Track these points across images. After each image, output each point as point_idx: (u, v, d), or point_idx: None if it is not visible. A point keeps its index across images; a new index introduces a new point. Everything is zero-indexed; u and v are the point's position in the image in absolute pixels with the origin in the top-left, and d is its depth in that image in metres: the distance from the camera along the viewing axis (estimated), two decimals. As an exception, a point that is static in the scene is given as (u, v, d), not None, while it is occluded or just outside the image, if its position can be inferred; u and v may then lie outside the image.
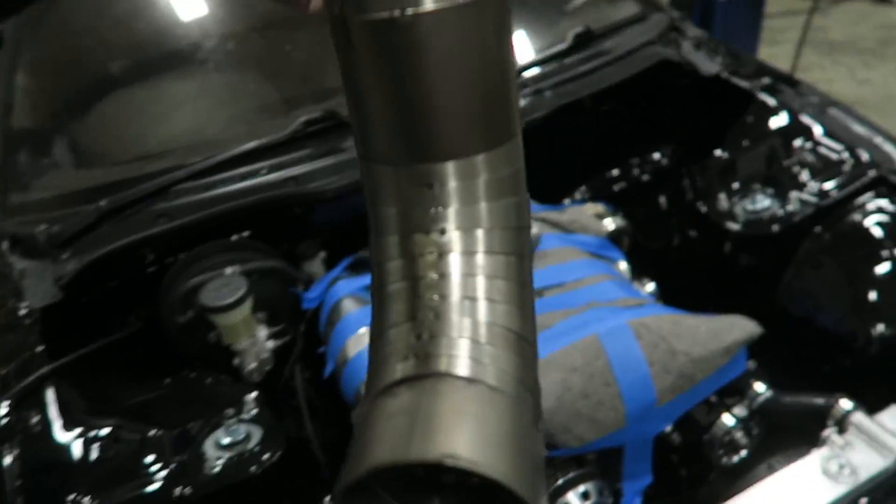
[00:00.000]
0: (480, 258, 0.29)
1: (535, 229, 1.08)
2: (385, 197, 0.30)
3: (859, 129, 1.23)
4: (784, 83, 1.37)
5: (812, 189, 1.19)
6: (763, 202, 1.22)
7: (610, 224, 1.22)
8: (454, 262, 0.29)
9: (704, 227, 1.30)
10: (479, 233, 0.29)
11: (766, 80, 1.37)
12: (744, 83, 1.35)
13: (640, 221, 1.35)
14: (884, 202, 1.14)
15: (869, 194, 1.15)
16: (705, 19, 2.72)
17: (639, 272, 1.23)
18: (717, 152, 1.36)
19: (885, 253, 1.09)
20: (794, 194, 1.19)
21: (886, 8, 4.15)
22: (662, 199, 1.46)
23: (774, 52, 3.72)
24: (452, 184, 0.29)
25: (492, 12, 0.27)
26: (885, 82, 3.41)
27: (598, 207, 1.26)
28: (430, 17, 0.26)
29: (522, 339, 0.30)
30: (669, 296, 1.21)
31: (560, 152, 1.37)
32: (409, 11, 0.26)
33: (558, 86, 1.30)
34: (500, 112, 0.29)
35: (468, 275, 0.29)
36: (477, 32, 0.27)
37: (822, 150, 1.21)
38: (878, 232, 1.12)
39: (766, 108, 1.31)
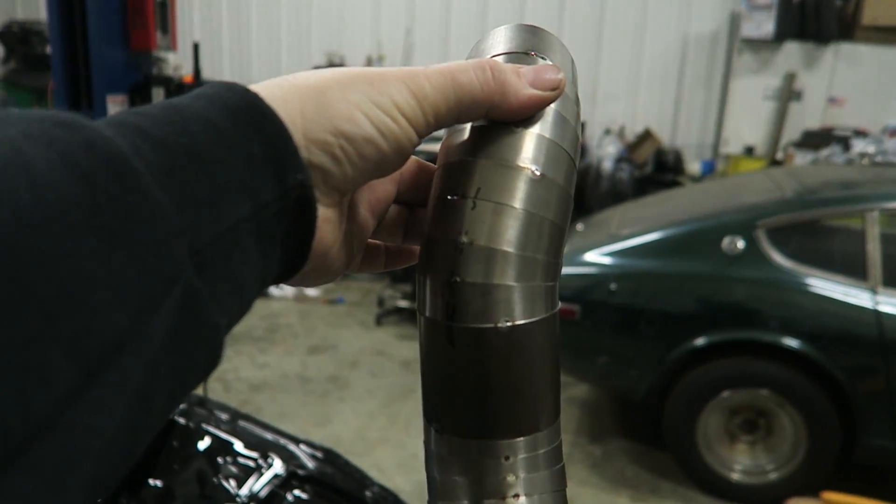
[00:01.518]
0: None
1: None
2: (457, 466, 0.35)
3: (267, 434, 1.48)
4: (195, 405, 1.55)
5: (244, 497, 1.34)
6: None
7: None
8: None
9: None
10: (538, 496, 0.35)
11: (181, 406, 1.52)
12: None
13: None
14: (298, 493, 1.38)
15: (290, 490, 1.37)
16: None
17: None
18: (151, 481, 1.41)
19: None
20: (230, 506, 1.33)
21: (268, 300, 5.05)
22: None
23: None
24: (522, 455, 0.35)
25: (557, 319, 0.35)
26: (279, 363, 4.06)
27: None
28: (521, 326, 0.34)
29: None
30: None
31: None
32: (508, 323, 0.33)
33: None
34: (558, 392, 0.36)
35: None
36: (550, 333, 0.35)
37: (242, 461, 1.40)
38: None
39: (188, 432, 1.45)
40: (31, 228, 0.19)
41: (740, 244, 2.85)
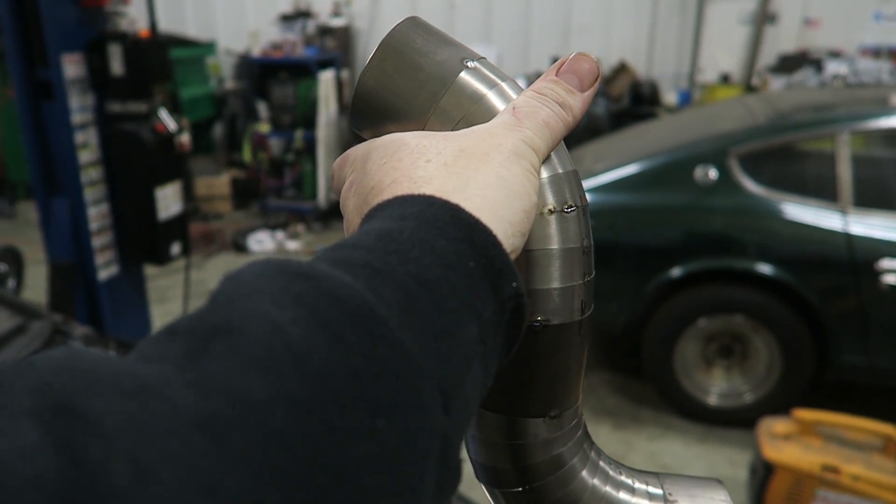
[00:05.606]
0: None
1: None
2: (496, 434, 0.39)
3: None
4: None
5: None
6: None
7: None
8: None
9: None
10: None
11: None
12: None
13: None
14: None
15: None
16: (91, 298, 2.82)
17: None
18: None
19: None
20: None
21: (249, 256, 5.04)
22: None
23: (166, 308, 4.05)
24: (573, 422, 0.40)
25: (589, 321, 0.41)
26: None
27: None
28: (556, 327, 0.38)
29: None
30: None
31: None
32: (556, 321, 0.37)
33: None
34: (581, 378, 0.42)
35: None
36: (581, 333, 0.40)
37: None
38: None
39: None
40: (303, 415, 0.19)
41: (713, 174, 2.86)
